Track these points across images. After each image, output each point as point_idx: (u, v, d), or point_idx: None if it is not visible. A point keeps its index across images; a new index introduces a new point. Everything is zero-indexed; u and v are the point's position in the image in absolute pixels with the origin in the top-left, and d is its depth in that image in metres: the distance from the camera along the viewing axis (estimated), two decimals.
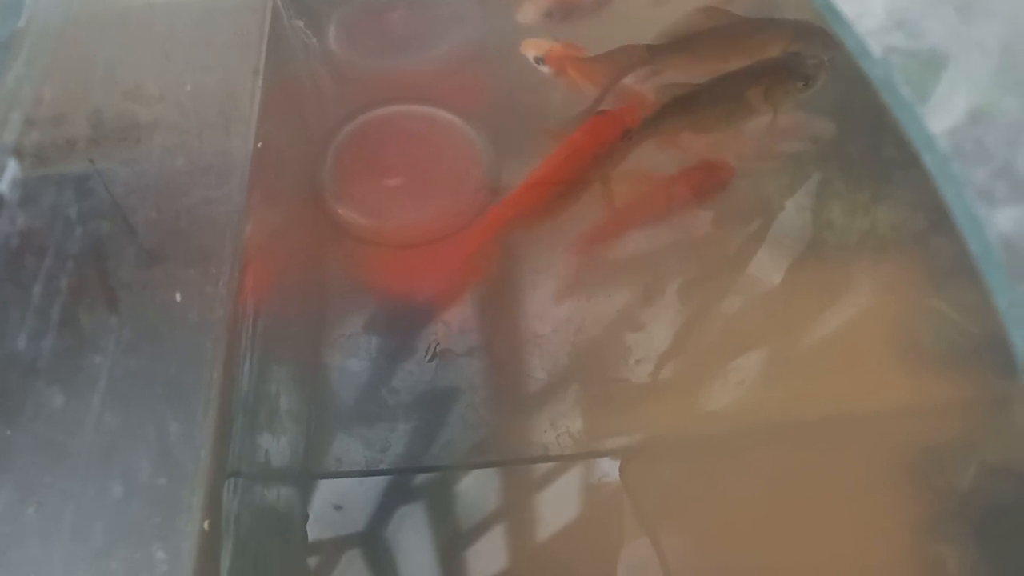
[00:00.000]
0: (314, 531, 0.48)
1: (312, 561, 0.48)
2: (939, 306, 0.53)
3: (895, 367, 0.52)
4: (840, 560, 0.45)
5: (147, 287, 0.38)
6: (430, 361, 0.54)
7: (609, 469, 0.49)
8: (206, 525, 0.37)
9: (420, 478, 0.50)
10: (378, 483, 0.50)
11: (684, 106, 0.55)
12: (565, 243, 0.59)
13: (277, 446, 0.50)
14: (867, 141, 0.56)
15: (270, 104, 0.59)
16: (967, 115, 0.22)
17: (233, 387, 0.44)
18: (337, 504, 0.49)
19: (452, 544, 0.48)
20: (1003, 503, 0.46)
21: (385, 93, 0.66)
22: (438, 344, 0.55)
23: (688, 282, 0.57)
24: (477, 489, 0.50)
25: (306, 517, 0.48)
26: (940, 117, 0.23)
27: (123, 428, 0.34)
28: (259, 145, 0.55)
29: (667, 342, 0.54)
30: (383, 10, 0.71)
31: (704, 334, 0.56)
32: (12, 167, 0.34)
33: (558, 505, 0.49)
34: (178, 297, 0.40)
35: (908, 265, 0.55)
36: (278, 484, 0.50)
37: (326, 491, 0.50)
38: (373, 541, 0.48)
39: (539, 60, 0.63)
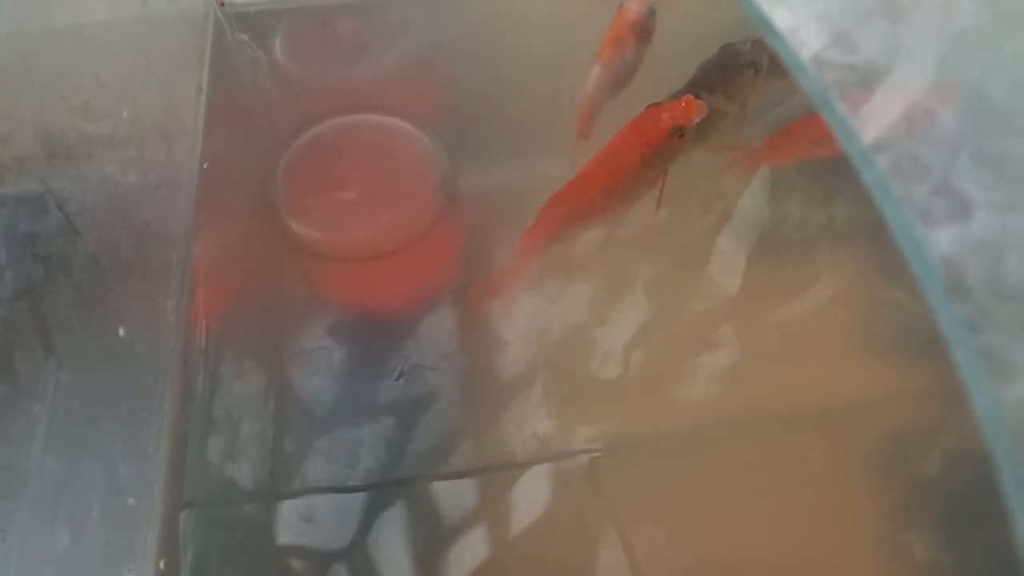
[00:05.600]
0: (279, 554, 0.48)
1: None
2: (896, 296, 0.54)
3: (856, 358, 0.53)
4: (809, 551, 0.46)
5: (90, 323, 0.37)
6: (398, 379, 0.53)
7: (577, 470, 0.49)
8: (162, 564, 0.36)
9: (389, 492, 0.50)
10: (346, 500, 0.49)
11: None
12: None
13: (239, 470, 0.49)
14: None
15: (216, 120, 0.58)
16: (904, 128, 0.22)
17: (186, 416, 0.43)
18: (307, 518, 0.48)
19: (424, 556, 0.47)
20: (965, 489, 0.47)
21: (336, 104, 0.65)
22: (407, 360, 0.54)
23: (650, 279, 0.57)
24: (446, 499, 0.50)
25: (271, 539, 0.48)
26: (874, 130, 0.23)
27: (69, 472, 0.33)
28: (205, 165, 0.54)
29: (631, 341, 0.54)
30: (331, 20, 0.70)
31: (668, 331, 0.56)
32: None
33: (528, 509, 0.49)
34: (121, 332, 0.39)
35: (865, 256, 0.56)
36: (240, 509, 0.49)
37: (292, 511, 0.49)
38: (342, 559, 0.47)
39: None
